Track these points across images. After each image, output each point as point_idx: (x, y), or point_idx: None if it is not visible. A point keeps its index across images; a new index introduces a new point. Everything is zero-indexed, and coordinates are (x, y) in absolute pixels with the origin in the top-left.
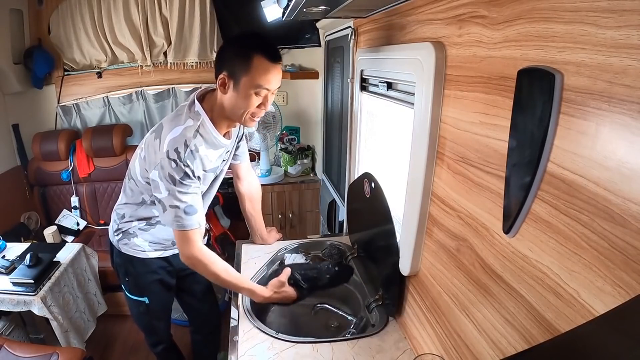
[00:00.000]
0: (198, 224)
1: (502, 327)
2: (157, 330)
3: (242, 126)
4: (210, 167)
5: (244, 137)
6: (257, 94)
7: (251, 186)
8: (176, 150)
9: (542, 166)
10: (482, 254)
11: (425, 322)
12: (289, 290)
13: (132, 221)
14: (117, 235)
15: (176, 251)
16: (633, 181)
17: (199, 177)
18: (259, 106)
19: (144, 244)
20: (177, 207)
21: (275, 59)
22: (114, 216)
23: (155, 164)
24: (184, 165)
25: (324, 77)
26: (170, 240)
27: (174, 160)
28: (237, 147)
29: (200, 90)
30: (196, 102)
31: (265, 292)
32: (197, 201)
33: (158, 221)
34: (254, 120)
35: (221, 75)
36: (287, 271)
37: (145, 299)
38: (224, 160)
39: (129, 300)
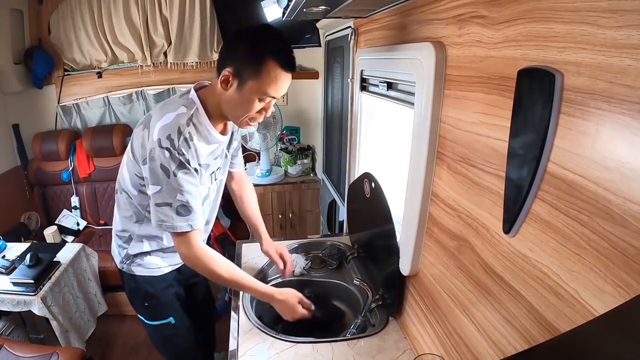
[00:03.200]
0: (190, 226)
1: (502, 327)
2: (190, 354)
3: (234, 128)
4: (204, 162)
5: (238, 142)
6: (260, 100)
7: (241, 184)
8: (169, 138)
9: (542, 166)
10: (482, 254)
11: (425, 322)
12: (297, 306)
13: (142, 241)
14: (127, 260)
15: None
16: (633, 181)
17: (196, 170)
18: (259, 111)
19: (157, 260)
20: (169, 204)
21: (290, 67)
22: (117, 241)
23: (144, 157)
24: (179, 153)
25: (324, 77)
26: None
27: (167, 149)
28: (233, 156)
29: (197, 83)
30: (192, 90)
31: (270, 291)
32: (192, 202)
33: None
34: (250, 125)
35: (225, 72)
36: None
37: (171, 319)
38: (219, 168)
39: (151, 329)
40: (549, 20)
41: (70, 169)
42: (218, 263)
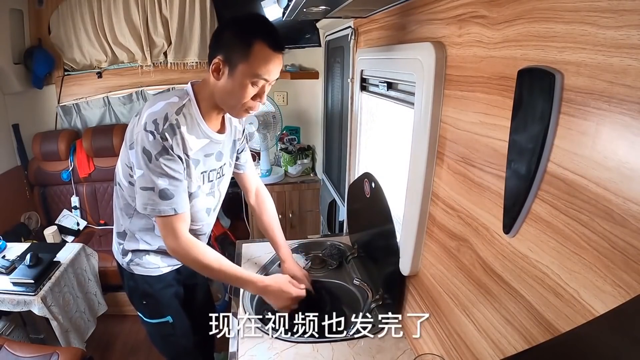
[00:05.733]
0: (173, 210)
1: (502, 327)
2: (190, 353)
3: (237, 129)
4: (193, 156)
5: (244, 140)
6: (253, 84)
7: (259, 197)
8: (154, 122)
9: (542, 166)
10: (482, 254)
11: (425, 322)
12: (289, 287)
13: (135, 237)
14: (126, 256)
15: None
16: (633, 181)
17: (180, 158)
18: (254, 98)
19: (156, 260)
20: (151, 189)
21: (278, 47)
22: (115, 237)
23: (131, 141)
24: (162, 138)
25: (324, 77)
26: None
27: (151, 132)
28: (238, 158)
29: (193, 80)
30: (188, 84)
31: (263, 281)
32: (175, 186)
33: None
34: (248, 113)
35: (216, 60)
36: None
37: (169, 318)
38: (214, 170)
39: (149, 327)
40: (549, 20)
41: (70, 169)
42: (205, 253)
